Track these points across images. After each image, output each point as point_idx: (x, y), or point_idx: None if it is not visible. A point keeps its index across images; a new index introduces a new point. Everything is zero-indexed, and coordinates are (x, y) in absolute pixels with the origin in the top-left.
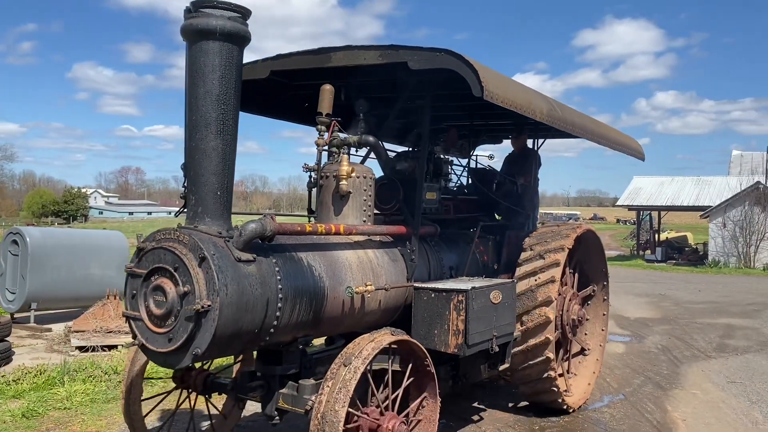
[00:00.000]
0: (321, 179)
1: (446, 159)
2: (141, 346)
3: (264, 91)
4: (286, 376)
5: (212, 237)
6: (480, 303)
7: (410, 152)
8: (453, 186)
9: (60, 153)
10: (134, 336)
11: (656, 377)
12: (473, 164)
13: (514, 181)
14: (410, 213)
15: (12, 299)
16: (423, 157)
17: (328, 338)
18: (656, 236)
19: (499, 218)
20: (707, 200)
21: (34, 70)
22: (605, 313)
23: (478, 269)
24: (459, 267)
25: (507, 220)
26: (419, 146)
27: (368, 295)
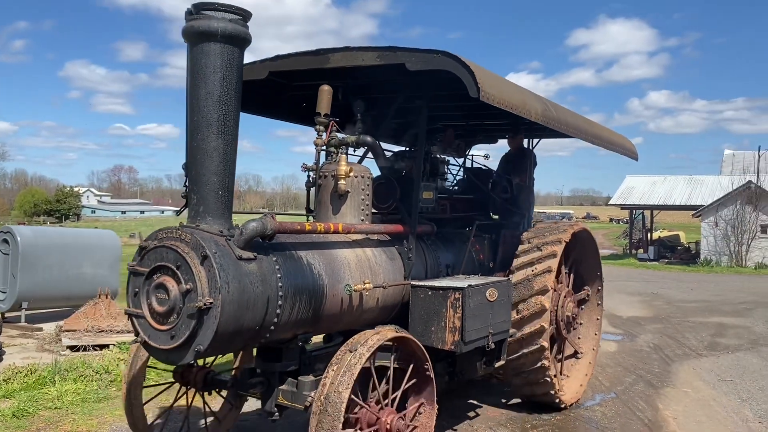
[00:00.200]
0: (319, 179)
1: (443, 159)
2: (143, 344)
3: (262, 92)
4: (286, 373)
5: (214, 236)
6: (476, 301)
7: (407, 152)
8: (449, 185)
9: (52, 152)
10: (137, 333)
11: (648, 375)
12: (469, 164)
13: (510, 181)
14: (407, 212)
15: (3, 298)
16: (420, 157)
17: (326, 336)
18: (649, 235)
19: (495, 217)
20: (699, 199)
21: (26, 69)
22: (599, 318)
23: (474, 268)
24: (455, 265)
25: (502, 219)
26: (416, 146)
27: (366, 293)
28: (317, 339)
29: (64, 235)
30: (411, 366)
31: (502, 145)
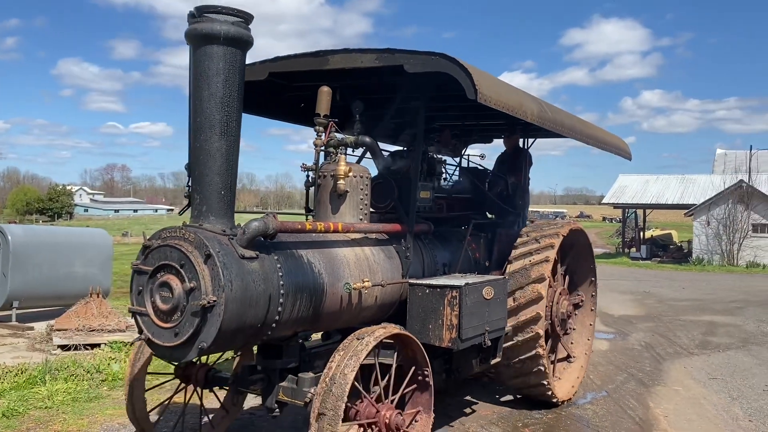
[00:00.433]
0: (319, 178)
1: (439, 158)
2: (147, 341)
3: (262, 92)
4: (286, 370)
5: (217, 235)
6: (473, 299)
7: (405, 152)
8: (446, 185)
9: (45, 150)
10: (140, 331)
11: (639, 374)
12: (465, 163)
13: (506, 180)
14: (405, 211)
15: None
16: (418, 157)
17: (324, 334)
18: (641, 234)
19: (491, 216)
20: (692, 198)
21: (18, 66)
22: (591, 323)
23: (470, 266)
24: (452, 264)
25: (498, 218)
26: (413, 145)
27: (365, 291)
28: (315, 336)
29: (55, 234)
30: (412, 369)
31: (498, 145)
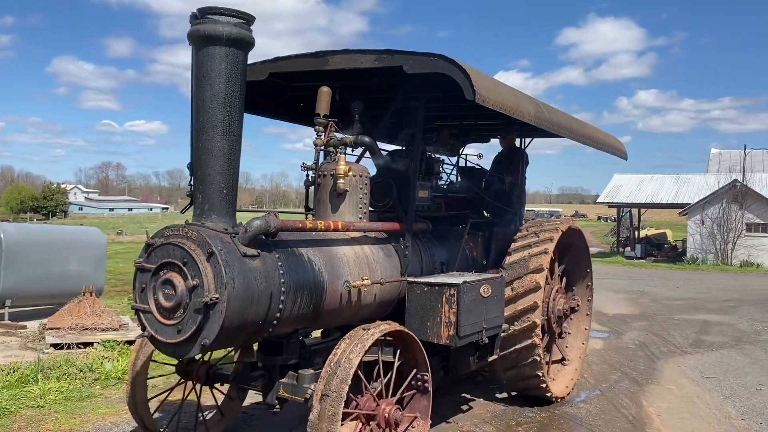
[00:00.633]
0: (319, 178)
1: (437, 158)
2: (150, 338)
3: (261, 92)
4: (286, 366)
5: (219, 233)
6: (471, 297)
7: (403, 151)
8: (443, 184)
9: (39, 148)
10: (143, 328)
11: (633, 373)
12: (462, 163)
13: (503, 179)
14: (404, 210)
15: None
16: (416, 157)
17: (324, 331)
18: (636, 233)
19: (488, 215)
20: (686, 198)
21: (12, 64)
22: (587, 328)
23: (468, 264)
24: (449, 262)
25: (495, 217)
26: (411, 145)
27: (364, 289)
28: (314, 334)
29: (49, 232)
30: (413, 371)
31: (495, 144)
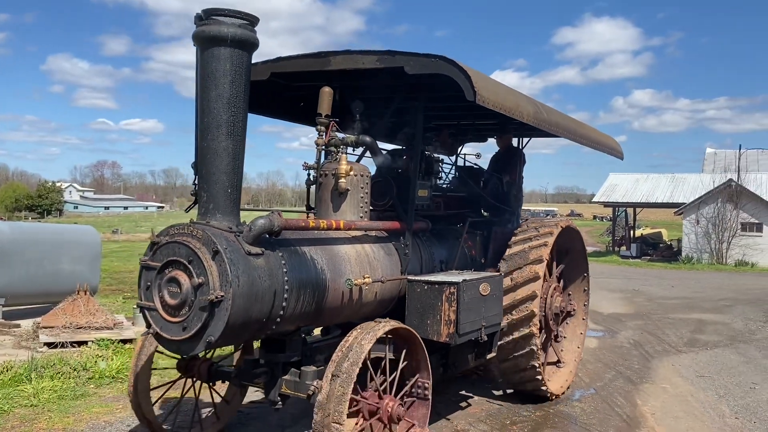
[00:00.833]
0: (320, 177)
1: (436, 157)
2: (155, 335)
3: (262, 92)
4: (289, 364)
5: (224, 232)
6: (470, 295)
7: (403, 151)
8: (442, 183)
9: (34, 146)
10: (148, 325)
11: (627, 372)
12: (461, 162)
13: (501, 179)
14: (404, 209)
15: None
16: (416, 157)
17: (324, 329)
18: (631, 232)
19: (486, 214)
20: (681, 197)
21: (7, 62)
22: (582, 332)
23: (467, 263)
24: (449, 261)
25: (493, 216)
26: (411, 145)
27: (366, 287)
28: (315, 332)
29: (43, 231)
30: (415, 377)
31: (492, 144)
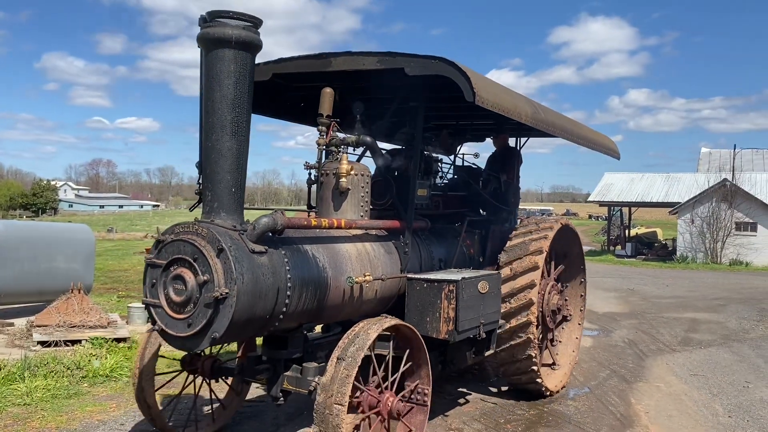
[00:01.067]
0: (321, 176)
1: (435, 157)
2: (160, 332)
3: (263, 92)
4: (291, 360)
5: (228, 230)
6: (469, 292)
7: (403, 150)
8: (441, 183)
9: (29, 145)
10: (153, 322)
11: (621, 370)
12: (459, 162)
13: (499, 178)
14: (403, 208)
15: None
16: (416, 156)
17: (324, 327)
18: (626, 232)
19: (484, 213)
20: (676, 197)
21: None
22: (578, 337)
23: (465, 261)
24: (447, 259)
25: (491, 216)
26: (411, 145)
27: (366, 285)
28: (316, 330)
29: (37, 229)
30: (416, 383)
31: (490, 143)
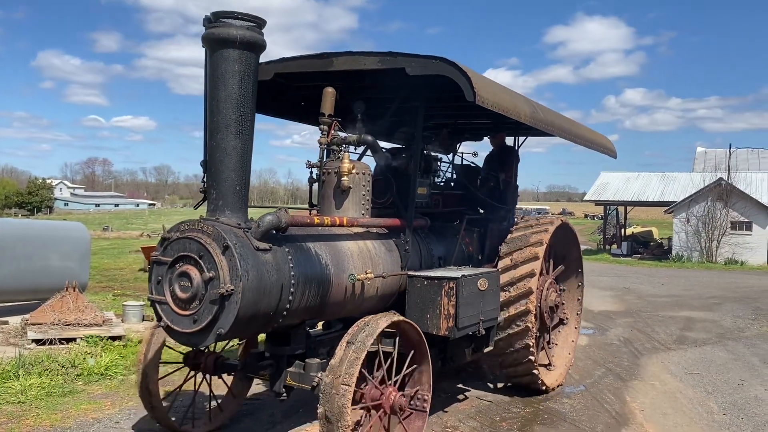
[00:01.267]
0: (323, 175)
1: (435, 156)
2: (166, 328)
3: (265, 92)
4: (293, 356)
5: (233, 228)
6: (469, 290)
7: (403, 149)
8: (440, 181)
9: (24, 143)
10: (159, 318)
11: (617, 369)
12: (458, 161)
13: (497, 177)
14: (404, 207)
15: None
16: (416, 155)
17: (325, 324)
18: (622, 231)
19: (482, 212)
20: (672, 196)
21: None
22: (574, 341)
23: (464, 259)
24: (447, 257)
25: (489, 214)
26: (411, 144)
27: (368, 282)
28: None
29: (32, 227)
30: (416, 390)
31: (488, 143)
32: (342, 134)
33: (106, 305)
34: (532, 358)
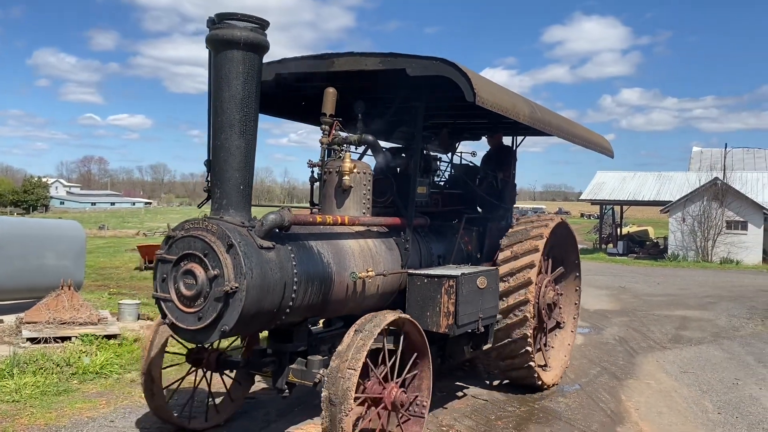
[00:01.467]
0: (324, 174)
1: (434, 156)
2: (171, 325)
3: (267, 91)
4: (296, 353)
5: (237, 226)
6: (468, 288)
7: (403, 149)
8: (439, 181)
9: (20, 141)
10: (164, 316)
11: (612, 368)
12: (457, 160)
13: (495, 176)
14: (404, 206)
15: None
16: (417, 155)
17: (326, 321)
18: (618, 230)
19: (481, 211)
20: (668, 195)
21: None
22: (570, 344)
23: (463, 258)
24: (446, 256)
25: (488, 213)
26: (412, 144)
27: (369, 281)
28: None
29: (27, 226)
30: (415, 396)
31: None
32: (343, 134)
33: (102, 304)
34: (530, 349)
